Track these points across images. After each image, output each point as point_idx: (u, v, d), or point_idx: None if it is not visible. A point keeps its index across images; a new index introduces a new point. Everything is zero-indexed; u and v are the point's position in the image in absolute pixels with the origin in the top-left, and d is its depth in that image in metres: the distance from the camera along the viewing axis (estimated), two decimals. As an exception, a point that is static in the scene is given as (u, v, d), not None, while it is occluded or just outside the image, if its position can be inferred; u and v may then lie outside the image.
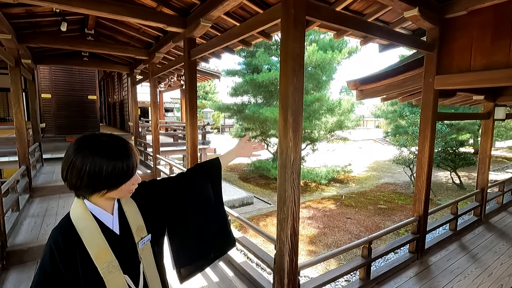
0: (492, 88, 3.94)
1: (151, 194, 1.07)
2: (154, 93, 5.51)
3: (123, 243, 0.93)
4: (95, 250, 0.86)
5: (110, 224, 0.93)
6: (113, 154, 0.83)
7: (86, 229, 0.87)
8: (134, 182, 0.91)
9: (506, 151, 19.49)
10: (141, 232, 0.97)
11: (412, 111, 12.63)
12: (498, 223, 4.36)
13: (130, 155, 0.86)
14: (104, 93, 15.63)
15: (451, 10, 2.75)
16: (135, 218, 0.98)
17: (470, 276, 2.90)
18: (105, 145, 0.83)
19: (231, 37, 2.91)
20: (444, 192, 10.00)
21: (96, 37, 5.09)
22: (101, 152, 0.82)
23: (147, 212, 1.02)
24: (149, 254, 1.00)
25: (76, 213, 0.89)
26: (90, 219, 0.89)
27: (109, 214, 0.94)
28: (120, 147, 0.86)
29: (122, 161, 0.84)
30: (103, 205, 0.92)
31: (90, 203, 0.90)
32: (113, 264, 0.88)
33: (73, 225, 0.87)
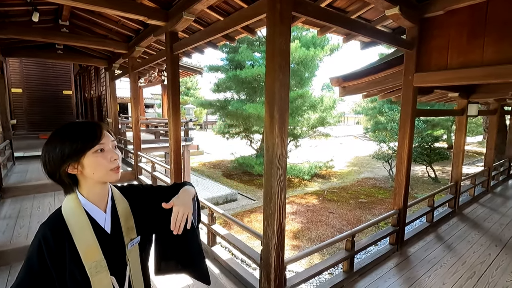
0: (466, 86, 4.13)
1: (143, 197, 1.05)
2: (135, 89, 5.34)
3: (113, 243, 0.91)
4: (85, 248, 0.84)
5: (102, 222, 0.91)
6: (67, 132, 0.85)
7: (77, 225, 0.85)
8: (110, 158, 0.87)
9: (476, 146, 20.58)
10: (131, 233, 0.96)
11: (391, 107, 13.03)
12: (470, 214, 4.61)
13: (86, 127, 0.86)
14: (80, 88, 14.96)
15: (429, 10, 2.84)
16: (127, 218, 0.96)
17: (446, 265, 3.05)
18: (62, 128, 0.86)
19: (215, 32, 2.86)
20: (421, 185, 10.44)
21: (71, 29, 4.85)
22: (57, 134, 0.85)
23: (138, 214, 1.00)
24: (136, 257, 0.98)
25: (69, 207, 0.87)
26: (83, 215, 0.87)
27: (102, 211, 0.92)
28: (76, 126, 0.86)
29: (74, 132, 0.84)
30: (95, 200, 0.90)
31: (83, 198, 0.88)
32: (101, 264, 0.86)
33: (64, 220, 0.85)
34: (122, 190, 1.01)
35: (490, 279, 2.78)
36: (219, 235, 2.89)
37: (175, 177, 3.74)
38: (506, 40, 2.45)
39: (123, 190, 1.02)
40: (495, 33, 2.51)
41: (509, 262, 3.10)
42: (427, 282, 2.75)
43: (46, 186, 4.63)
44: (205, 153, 17.05)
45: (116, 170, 0.90)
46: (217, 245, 3.09)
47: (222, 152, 16.72)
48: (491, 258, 3.19)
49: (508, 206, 5.01)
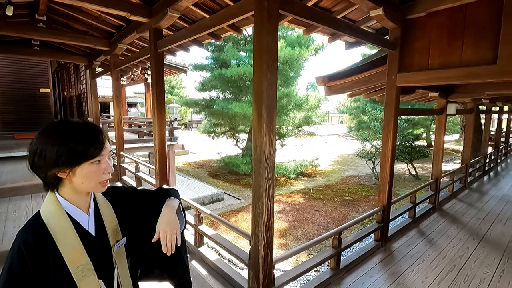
0: (445, 86, 4.28)
1: (125, 199, 1.02)
2: (117, 87, 5.18)
3: (98, 245, 0.88)
4: (69, 252, 0.80)
5: (86, 225, 0.87)
6: (69, 133, 0.79)
7: (60, 229, 0.81)
8: (104, 171, 0.84)
9: (454, 144, 21.45)
10: (117, 235, 0.92)
11: (374, 107, 13.35)
12: (450, 209, 4.79)
13: (90, 133, 0.81)
14: (58, 86, 14.39)
15: (411, 11, 2.92)
16: (111, 220, 0.93)
17: (428, 259, 3.15)
18: (64, 127, 0.80)
19: (201, 29, 2.81)
20: (402, 182, 10.75)
21: (48, 24, 4.63)
22: (57, 132, 0.79)
23: (122, 216, 0.97)
24: (124, 259, 0.95)
25: (48, 210, 0.82)
26: (64, 217, 0.82)
27: (84, 213, 0.87)
28: (80, 130, 0.81)
29: (78, 137, 0.79)
30: (78, 203, 0.86)
31: (64, 200, 0.84)
32: (88, 268, 0.82)
33: (45, 224, 0.80)
34: (104, 192, 0.96)
35: (469, 272, 2.90)
36: (206, 236, 2.85)
37: (160, 177, 3.66)
38: (483, 42, 2.55)
39: (105, 192, 0.97)
40: (473, 35, 2.61)
41: (486, 255, 3.25)
42: (411, 276, 2.82)
43: (23, 189, 4.42)
44: (190, 153, 16.84)
45: (105, 184, 0.86)
46: (204, 246, 3.05)
47: (208, 152, 16.58)
48: (469, 252, 3.32)
49: (484, 201, 5.25)
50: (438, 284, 2.69)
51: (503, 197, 5.52)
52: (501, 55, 2.41)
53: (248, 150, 12.64)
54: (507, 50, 2.38)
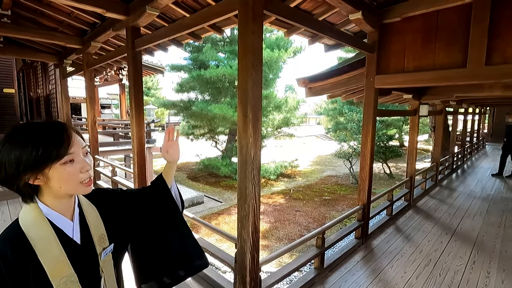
0: (418, 88, 4.49)
1: (113, 202, 0.96)
2: (91, 87, 4.94)
3: (84, 254, 0.81)
4: (51, 264, 0.72)
5: (70, 232, 0.80)
6: (26, 135, 0.71)
7: (41, 238, 0.74)
8: (81, 169, 0.76)
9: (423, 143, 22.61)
10: (103, 241, 0.86)
11: (350, 108, 13.76)
12: (423, 206, 5.02)
13: (50, 131, 0.73)
14: (24, 87, 13.50)
15: (388, 16, 3.03)
16: (97, 225, 0.86)
17: (406, 255, 3.27)
18: (21, 129, 0.72)
19: (182, 28, 2.74)
20: (378, 181, 11.14)
21: (13, 19, 4.31)
22: (13, 136, 0.71)
23: (108, 221, 0.90)
24: (110, 267, 0.88)
25: (28, 219, 0.75)
26: (46, 226, 0.75)
27: (68, 220, 0.80)
28: (38, 129, 0.73)
29: (35, 137, 0.70)
30: (60, 209, 0.78)
31: (46, 207, 0.76)
32: (72, 280, 0.75)
33: (24, 234, 0.73)
34: (89, 196, 0.89)
35: (444, 265, 3.04)
36: (189, 240, 2.77)
37: (139, 181, 3.52)
38: (454, 47, 2.69)
39: (90, 196, 0.89)
40: (445, 40, 2.75)
41: (458, 248, 3.43)
42: (390, 272, 2.92)
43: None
44: (168, 156, 16.40)
45: (88, 183, 0.79)
46: (186, 251, 2.96)
47: (186, 154, 16.24)
48: (443, 246, 3.50)
49: (454, 197, 5.56)
50: (417, 278, 2.80)
51: (470, 193, 5.88)
52: (471, 59, 2.57)
53: (228, 152, 12.55)
54: (476, 54, 2.53)
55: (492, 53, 2.46)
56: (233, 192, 9.83)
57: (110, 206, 0.95)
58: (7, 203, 4.07)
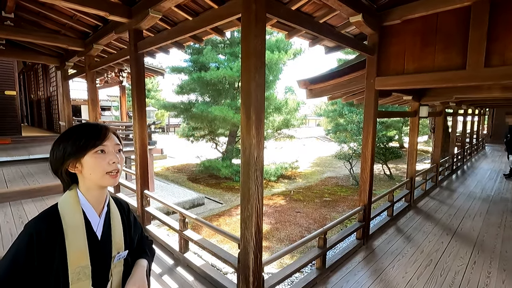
0: (418, 90, 4.52)
1: (131, 219, 1.05)
2: (93, 89, 4.96)
3: (101, 251, 0.86)
4: (74, 250, 0.80)
5: (95, 226, 0.87)
6: (73, 131, 0.87)
7: (72, 224, 0.82)
8: (110, 161, 0.86)
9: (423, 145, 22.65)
10: (120, 246, 0.92)
11: (350, 110, 13.79)
12: (424, 206, 5.04)
13: (92, 127, 0.88)
14: (25, 89, 13.54)
15: (388, 18, 3.07)
16: (119, 229, 0.93)
17: (407, 255, 3.29)
18: (71, 128, 0.88)
19: (185, 31, 2.77)
20: (378, 182, 11.16)
21: (16, 22, 4.35)
22: (64, 134, 0.87)
23: (126, 230, 0.98)
24: (119, 274, 0.93)
25: (66, 204, 0.85)
26: (79, 214, 0.84)
27: (96, 215, 0.88)
28: (83, 126, 0.89)
29: (79, 132, 0.86)
30: (93, 202, 0.88)
31: (82, 196, 0.87)
32: (85, 272, 0.81)
33: (60, 218, 0.82)
34: (117, 202, 1.00)
35: (445, 265, 3.06)
36: (192, 241, 2.79)
37: (141, 182, 3.54)
38: (453, 49, 2.73)
39: (118, 202, 1.00)
40: (444, 42, 2.78)
41: (459, 249, 3.45)
42: (392, 272, 2.93)
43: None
44: (168, 157, 16.44)
45: (114, 175, 0.87)
46: (189, 252, 2.98)
47: (187, 156, 16.28)
48: (444, 246, 3.51)
49: (454, 198, 5.58)
50: (418, 278, 2.82)
51: (470, 194, 5.90)
52: (470, 61, 2.60)
53: (229, 154, 12.57)
54: (475, 57, 2.57)
55: (491, 55, 2.49)
56: (233, 194, 9.85)
57: (128, 220, 1.03)
58: (9, 205, 4.09)
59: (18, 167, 5.65)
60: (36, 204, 4.14)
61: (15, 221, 3.55)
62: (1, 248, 2.88)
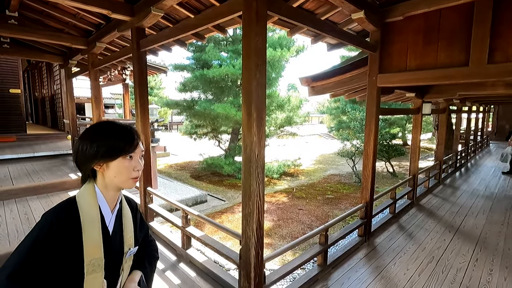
0: (421, 87, 4.50)
1: (136, 219, 1.07)
2: (96, 87, 5.00)
3: (112, 246, 0.90)
4: (90, 243, 0.82)
5: (108, 222, 0.90)
6: (110, 131, 0.88)
7: (89, 218, 0.85)
8: (135, 168, 0.90)
9: (427, 142, 22.51)
10: (130, 243, 0.95)
11: (353, 107, 13.74)
12: (426, 204, 5.03)
13: (128, 132, 0.89)
14: (29, 87, 13.65)
15: (390, 15, 3.05)
16: (130, 226, 0.97)
17: (408, 252, 3.29)
18: (105, 126, 0.89)
19: (187, 29, 2.78)
20: (381, 180, 11.13)
21: (20, 21, 4.38)
22: (99, 130, 0.88)
23: (135, 227, 1.02)
24: (129, 268, 0.97)
25: (85, 197, 0.88)
26: (96, 208, 0.87)
27: (110, 211, 0.91)
28: (119, 128, 0.89)
29: (117, 134, 0.87)
30: (107, 198, 0.91)
31: (99, 192, 0.89)
32: (99, 263, 0.84)
33: (78, 209, 0.85)
34: (127, 200, 1.03)
35: (447, 262, 3.06)
36: (195, 237, 2.82)
37: (144, 180, 3.57)
38: (456, 46, 2.71)
39: (128, 201, 1.03)
40: (447, 39, 2.77)
41: (461, 246, 3.45)
42: (393, 269, 2.94)
43: None
44: (171, 155, 16.48)
45: (135, 180, 0.91)
46: (192, 248, 3.01)
47: (190, 153, 16.34)
48: (446, 243, 3.51)
49: (457, 195, 5.56)
50: (419, 275, 2.82)
51: (473, 191, 5.87)
52: (473, 58, 2.58)
53: (231, 151, 12.59)
54: (478, 53, 2.55)
55: (494, 51, 2.48)
56: (236, 191, 9.89)
57: (136, 218, 1.05)
58: (15, 201, 4.15)
59: (23, 165, 5.72)
60: (41, 201, 4.20)
61: (21, 217, 3.61)
62: (7, 243, 2.94)
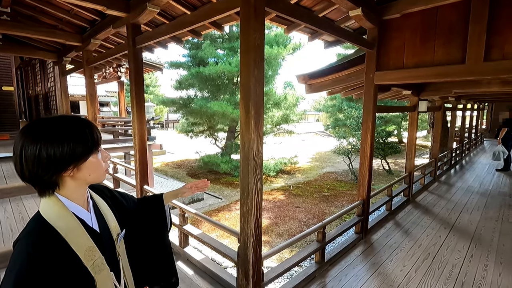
0: (417, 84, 4.52)
1: (114, 198, 1.08)
2: (91, 84, 4.94)
3: (104, 240, 0.89)
4: (83, 250, 0.78)
5: (90, 222, 0.87)
6: (72, 129, 0.77)
7: (70, 229, 0.78)
8: (104, 159, 0.86)
9: (422, 140, 22.69)
10: (116, 229, 0.96)
11: (349, 105, 13.77)
12: (422, 201, 5.07)
13: (88, 125, 0.81)
14: (22, 84, 13.44)
15: (387, 13, 3.05)
16: (109, 214, 0.96)
17: (405, 249, 3.32)
18: (62, 124, 0.76)
19: (183, 25, 2.75)
20: (377, 177, 11.21)
21: (13, 16, 4.29)
22: (60, 130, 0.75)
23: (115, 211, 1.01)
24: (124, 251, 1.00)
25: (52, 212, 0.78)
26: (71, 217, 0.80)
27: (86, 211, 0.87)
28: (78, 123, 0.79)
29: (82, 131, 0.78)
30: (79, 201, 0.84)
31: (66, 199, 0.81)
32: (102, 262, 0.83)
33: (51, 226, 0.76)
34: (95, 190, 1.00)
35: (442, 258, 3.09)
36: (192, 236, 2.81)
37: (141, 178, 3.55)
38: (453, 43, 2.72)
39: (96, 189, 1.01)
40: (444, 37, 2.77)
41: (456, 242, 3.48)
42: (390, 265, 2.96)
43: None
44: (167, 153, 16.41)
45: (107, 170, 0.90)
46: (189, 246, 3.00)
47: (186, 151, 16.29)
48: (441, 240, 3.55)
49: (452, 192, 5.61)
50: (415, 272, 2.85)
51: (468, 188, 5.93)
52: (469, 56, 2.59)
53: (228, 149, 12.57)
54: (474, 51, 2.56)
55: (491, 49, 2.49)
56: (233, 189, 9.88)
57: (112, 200, 1.05)
58: (9, 201, 4.10)
59: (17, 163, 5.63)
60: (35, 200, 4.15)
61: (15, 216, 3.56)
62: (2, 243, 2.90)
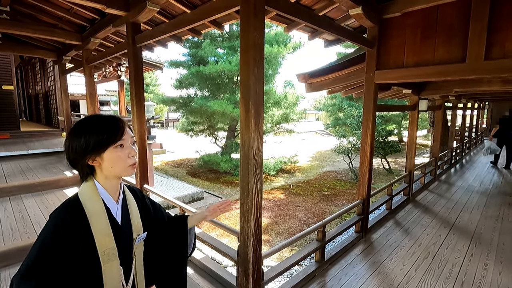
0: (417, 83, 4.51)
1: (146, 203, 1.12)
2: (91, 83, 4.93)
3: (122, 234, 0.94)
4: (101, 235, 0.87)
5: (114, 213, 0.93)
6: (93, 124, 0.89)
7: (95, 212, 0.88)
8: (129, 154, 0.92)
9: (422, 139, 22.68)
10: (139, 228, 1.00)
11: (349, 104, 13.76)
12: (422, 200, 5.07)
13: (111, 121, 0.90)
14: (22, 83, 13.45)
15: (388, 11, 3.04)
16: (135, 213, 1.01)
17: (405, 248, 3.32)
18: (88, 120, 0.90)
19: (183, 24, 2.75)
20: (377, 176, 11.21)
21: (13, 15, 4.29)
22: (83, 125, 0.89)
23: (142, 214, 1.05)
24: (141, 255, 1.02)
25: (86, 194, 0.90)
26: (100, 202, 0.90)
27: (114, 202, 0.94)
28: (102, 119, 0.90)
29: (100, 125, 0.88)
30: (110, 190, 0.94)
31: (100, 186, 0.92)
32: (113, 252, 0.88)
33: (82, 206, 0.88)
34: (130, 188, 1.06)
35: (442, 257, 3.09)
36: (192, 235, 2.81)
37: (140, 177, 3.54)
38: (453, 42, 2.71)
39: (131, 189, 1.07)
40: (445, 35, 2.76)
41: (456, 241, 3.48)
42: (390, 264, 2.96)
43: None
44: (168, 152, 16.41)
45: (133, 166, 0.94)
46: (189, 245, 2.99)
47: (186, 150, 16.29)
48: (441, 239, 3.55)
49: (452, 191, 5.61)
50: (415, 271, 2.85)
51: (468, 187, 5.93)
52: (470, 54, 2.59)
53: (228, 148, 12.57)
54: (475, 49, 2.55)
55: (492, 47, 2.48)
56: (233, 188, 9.89)
57: (142, 202, 1.09)
58: (9, 200, 4.10)
59: (17, 162, 5.65)
60: (36, 199, 4.15)
61: (15, 215, 3.56)
62: (2, 242, 2.90)
